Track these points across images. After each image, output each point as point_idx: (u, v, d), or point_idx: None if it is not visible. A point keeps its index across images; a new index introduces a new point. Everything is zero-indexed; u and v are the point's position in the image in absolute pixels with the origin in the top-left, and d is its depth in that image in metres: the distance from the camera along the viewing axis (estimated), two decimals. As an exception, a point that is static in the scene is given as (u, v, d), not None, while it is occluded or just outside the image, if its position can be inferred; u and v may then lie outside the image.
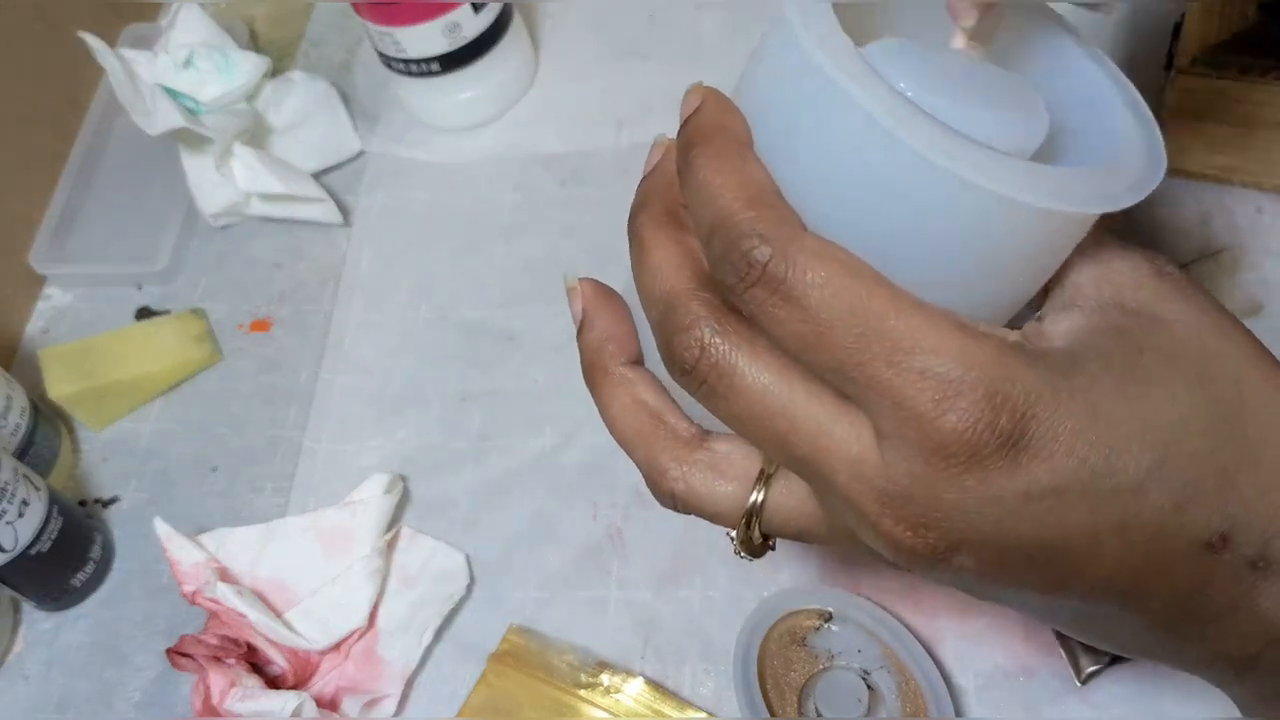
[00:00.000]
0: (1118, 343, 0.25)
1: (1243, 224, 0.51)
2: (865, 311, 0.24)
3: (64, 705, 0.49)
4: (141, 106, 0.57)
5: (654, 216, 0.28)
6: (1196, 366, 0.25)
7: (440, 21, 0.57)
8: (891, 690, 0.42)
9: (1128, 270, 0.27)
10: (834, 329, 0.24)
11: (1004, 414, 0.23)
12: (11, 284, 0.61)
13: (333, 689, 0.47)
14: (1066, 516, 0.24)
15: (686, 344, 0.26)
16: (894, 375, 0.23)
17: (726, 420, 0.27)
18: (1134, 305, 0.26)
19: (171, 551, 0.48)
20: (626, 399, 0.30)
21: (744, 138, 0.26)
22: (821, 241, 0.24)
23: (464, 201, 0.61)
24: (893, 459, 0.24)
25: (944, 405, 0.23)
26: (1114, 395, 0.24)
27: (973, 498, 0.24)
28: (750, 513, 0.28)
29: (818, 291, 0.24)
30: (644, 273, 0.28)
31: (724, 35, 0.64)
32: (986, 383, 0.23)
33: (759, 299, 0.24)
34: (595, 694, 0.44)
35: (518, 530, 0.50)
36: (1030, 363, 0.24)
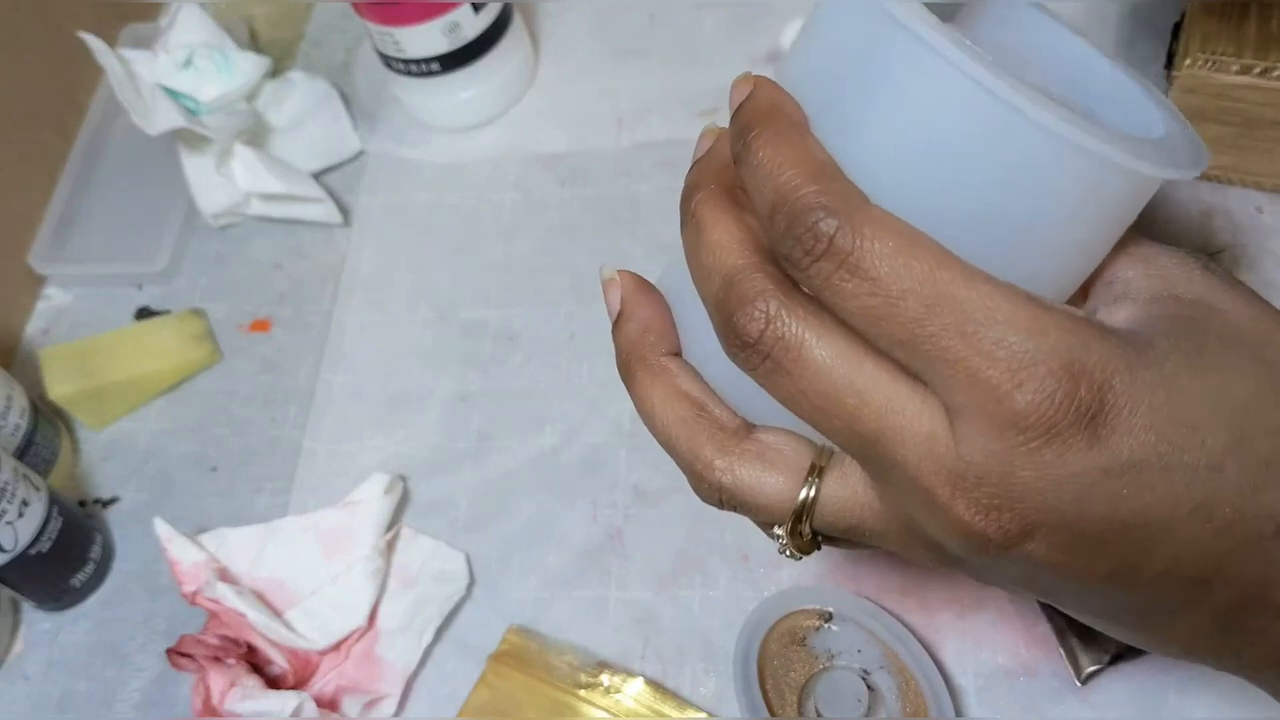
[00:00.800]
0: (1182, 326, 0.25)
1: (1243, 224, 0.51)
2: (935, 281, 0.23)
3: (64, 705, 0.49)
4: (141, 106, 0.57)
5: (711, 194, 0.27)
6: (1255, 352, 0.25)
7: (440, 21, 0.57)
8: (891, 690, 0.42)
9: (1174, 265, 0.26)
10: (904, 300, 0.23)
11: (1082, 384, 0.22)
12: (11, 284, 0.61)
13: (333, 689, 0.47)
14: (1145, 494, 0.23)
15: (751, 316, 0.25)
16: (966, 347, 0.23)
17: (789, 399, 0.25)
18: (1189, 296, 0.26)
19: (171, 551, 0.48)
20: (668, 389, 0.29)
21: (801, 118, 0.26)
22: (887, 214, 0.24)
23: (464, 201, 0.61)
24: (966, 436, 0.23)
25: (1020, 376, 0.22)
26: (1187, 372, 0.23)
27: (1050, 475, 0.23)
28: (803, 506, 0.27)
29: (887, 262, 0.23)
30: (703, 250, 0.27)
31: (724, 35, 0.64)
32: (1063, 352, 0.22)
33: (825, 272, 0.24)
34: (595, 694, 0.44)
35: (518, 530, 0.50)
36: (1104, 335, 0.23)
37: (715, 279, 0.26)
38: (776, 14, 0.62)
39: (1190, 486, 0.23)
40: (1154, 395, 0.23)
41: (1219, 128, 0.49)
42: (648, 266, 0.56)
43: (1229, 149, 0.50)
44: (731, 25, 0.64)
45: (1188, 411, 0.23)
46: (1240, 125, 0.49)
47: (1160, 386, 0.23)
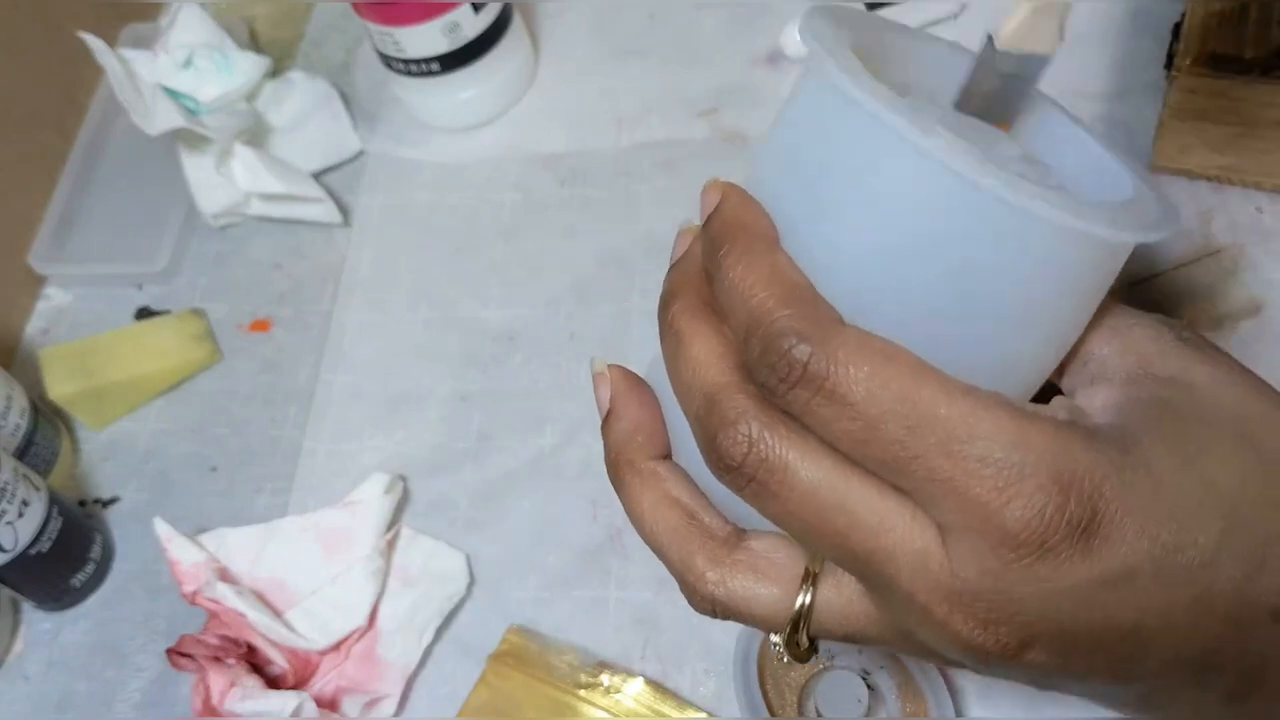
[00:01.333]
0: (1161, 411, 0.24)
1: (1243, 224, 0.51)
2: (915, 401, 0.23)
3: (64, 705, 0.49)
4: (141, 106, 0.57)
5: (688, 305, 0.27)
6: (1236, 429, 0.24)
7: (440, 21, 0.57)
8: (891, 690, 0.42)
9: (1149, 338, 0.26)
10: (885, 423, 0.23)
11: (1072, 497, 0.22)
12: (11, 284, 0.61)
13: (333, 689, 0.47)
14: (1141, 599, 0.23)
15: (733, 439, 0.24)
16: (952, 466, 0.22)
17: (777, 519, 0.25)
18: (1165, 373, 0.25)
19: (171, 551, 0.48)
20: (658, 495, 0.28)
21: (770, 233, 0.25)
22: (861, 333, 0.23)
23: (464, 201, 0.61)
24: (959, 554, 0.23)
25: (1008, 493, 0.22)
26: (1173, 465, 0.23)
27: (1046, 589, 0.23)
28: (799, 616, 0.27)
29: (863, 386, 0.23)
30: (682, 365, 0.26)
31: (724, 35, 0.64)
32: (1049, 464, 0.22)
33: (803, 399, 0.23)
34: (595, 694, 0.44)
35: (518, 530, 0.50)
36: (1088, 440, 0.23)
37: (696, 396, 0.26)
38: (776, 14, 0.62)
39: (1185, 585, 0.23)
40: (1144, 499, 0.23)
41: (1219, 128, 0.49)
42: (648, 266, 0.57)
43: (1229, 149, 0.50)
44: (731, 25, 0.64)
45: (1178, 510, 0.23)
46: (1240, 125, 0.49)
47: (1149, 488, 0.23)
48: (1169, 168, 0.52)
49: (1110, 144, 0.28)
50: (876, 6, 0.59)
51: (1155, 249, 0.50)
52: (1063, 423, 0.23)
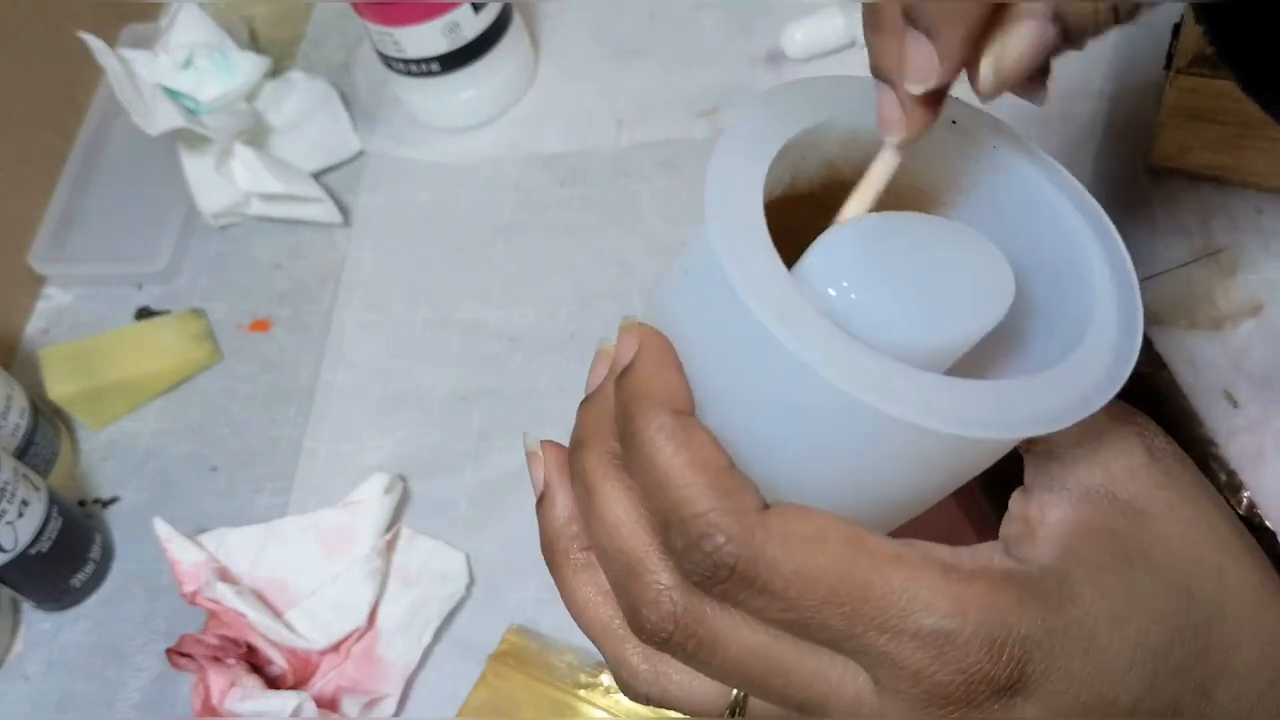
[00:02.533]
0: (1108, 552, 0.24)
1: (1243, 224, 0.51)
2: (849, 586, 0.23)
3: (64, 705, 0.49)
4: (141, 106, 0.57)
5: (600, 460, 0.26)
6: (1180, 574, 0.25)
7: (440, 21, 0.57)
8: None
9: (1120, 453, 0.26)
10: (820, 611, 0.23)
11: (1000, 662, 0.23)
12: (11, 284, 0.61)
13: (332, 689, 0.47)
14: None
15: (657, 617, 0.24)
16: (889, 640, 0.23)
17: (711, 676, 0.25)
18: (1125, 495, 0.25)
19: (171, 551, 0.48)
20: (591, 589, 0.28)
21: (685, 404, 0.25)
22: (786, 519, 0.23)
23: (464, 201, 0.61)
24: (890, 706, 0.23)
25: (941, 660, 0.22)
26: (1106, 620, 0.24)
27: None
28: (734, 707, 0.27)
29: (796, 580, 0.23)
30: (597, 526, 0.26)
31: (724, 35, 0.64)
32: (983, 633, 0.22)
33: (733, 593, 0.23)
34: (595, 694, 0.44)
35: (518, 530, 0.50)
36: (1022, 599, 0.23)
37: (615, 562, 0.25)
38: (776, 14, 0.62)
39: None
40: (1072, 659, 0.23)
41: (1219, 128, 0.49)
42: (648, 265, 0.57)
43: (1229, 149, 0.50)
44: (731, 25, 0.64)
45: (1104, 670, 0.23)
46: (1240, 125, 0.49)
47: (1079, 650, 0.23)
48: (1169, 168, 0.52)
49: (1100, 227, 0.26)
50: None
51: (1155, 249, 0.50)
52: (998, 579, 0.23)
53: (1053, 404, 0.23)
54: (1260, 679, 0.25)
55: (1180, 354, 0.47)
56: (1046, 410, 0.23)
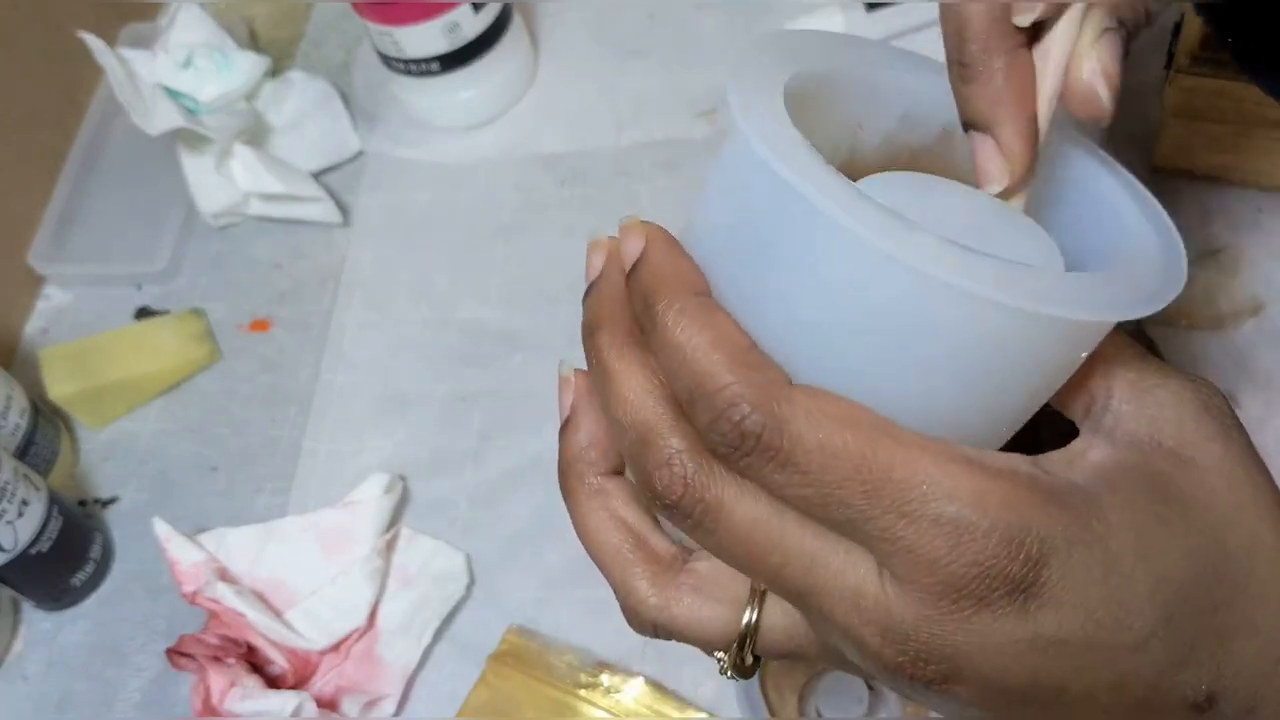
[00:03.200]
0: (1145, 488, 0.24)
1: (1243, 224, 0.51)
2: (872, 465, 0.23)
3: (64, 705, 0.49)
4: (141, 106, 0.57)
5: (614, 339, 0.27)
6: (1216, 522, 0.25)
7: (440, 21, 0.57)
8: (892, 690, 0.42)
9: (1171, 402, 0.25)
10: (840, 489, 0.23)
11: (1018, 560, 0.22)
12: (11, 284, 0.61)
13: (332, 689, 0.47)
14: (1065, 668, 0.24)
15: (668, 479, 0.25)
16: (906, 525, 0.22)
17: (714, 551, 0.26)
18: (1171, 444, 0.25)
19: (171, 551, 0.48)
20: (604, 514, 0.28)
21: (703, 286, 0.25)
22: (813, 396, 0.23)
23: (464, 201, 0.61)
24: (898, 598, 0.23)
25: (958, 551, 0.22)
26: (1131, 548, 0.23)
27: (977, 640, 0.23)
28: (744, 634, 0.27)
29: (818, 455, 0.23)
30: (614, 402, 0.26)
31: (724, 35, 0.64)
32: (1003, 528, 0.22)
33: (755, 466, 0.23)
34: (595, 694, 0.44)
35: (518, 530, 0.50)
36: (1046, 504, 0.23)
37: (630, 433, 0.25)
38: (776, 14, 0.62)
39: (1110, 666, 0.24)
40: (1089, 576, 0.23)
41: (1219, 128, 0.49)
42: (648, 266, 0.57)
43: (1229, 149, 0.50)
44: (731, 25, 0.64)
45: (1123, 591, 0.23)
46: (1240, 125, 0.49)
47: (1098, 564, 0.23)
48: (1169, 168, 0.52)
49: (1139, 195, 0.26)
50: (877, 6, 0.60)
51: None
52: (1023, 480, 0.23)
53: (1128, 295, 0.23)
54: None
55: (1181, 353, 0.47)
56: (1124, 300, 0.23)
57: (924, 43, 0.61)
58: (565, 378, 0.31)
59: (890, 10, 0.60)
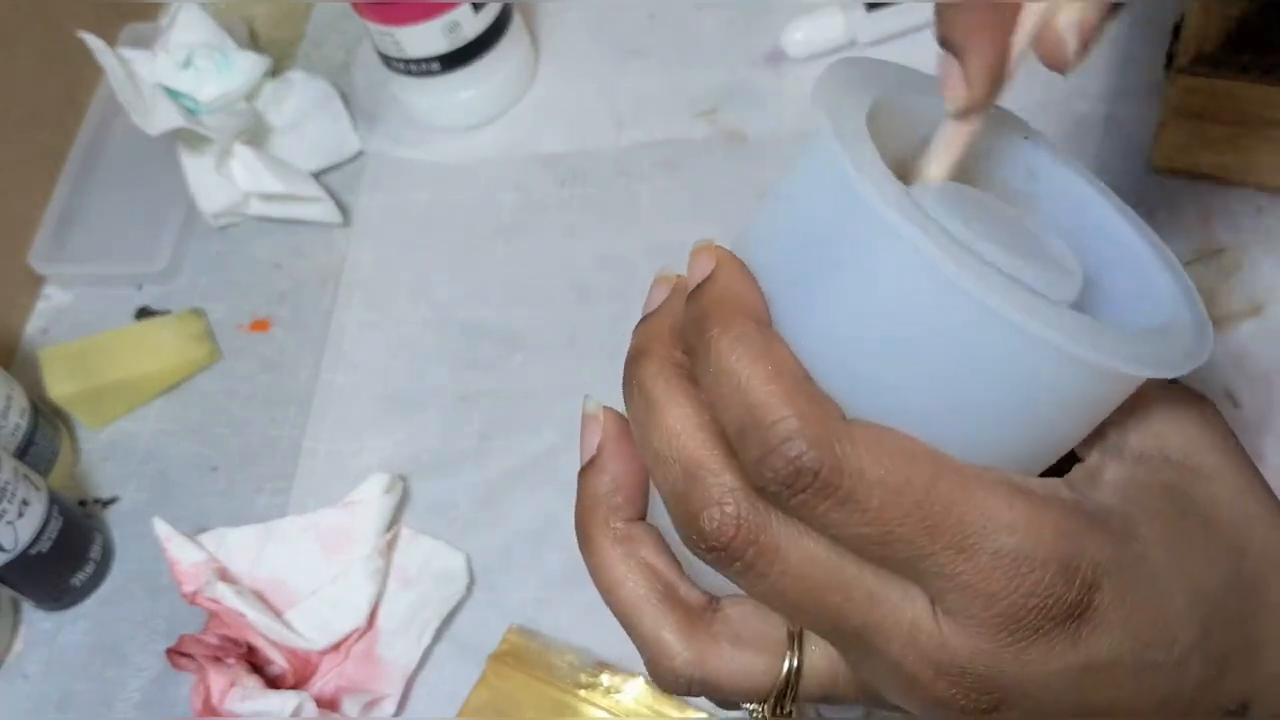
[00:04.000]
0: (1165, 502, 0.24)
1: (1243, 224, 0.51)
2: (934, 501, 0.22)
3: (64, 705, 0.49)
4: (141, 106, 0.57)
5: (662, 369, 0.25)
6: (1231, 532, 0.25)
7: (440, 21, 0.57)
8: (891, 690, 0.42)
9: (1171, 418, 0.25)
10: (902, 525, 0.22)
11: (1075, 585, 0.22)
12: (11, 284, 0.61)
13: (332, 689, 0.47)
14: (1114, 690, 0.23)
15: (719, 520, 0.23)
16: (965, 560, 0.22)
17: (763, 597, 0.24)
18: (1178, 456, 0.25)
19: (171, 551, 0.48)
20: (631, 562, 0.27)
21: (765, 315, 0.24)
22: (871, 431, 0.22)
23: (464, 201, 0.61)
24: (954, 633, 0.23)
25: (1015, 583, 0.22)
26: (1167, 565, 0.23)
27: (1032, 670, 0.23)
28: (786, 683, 0.25)
29: (880, 490, 0.22)
30: (655, 433, 0.24)
31: (724, 35, 0.64)
32: (1059, 555, 0.22)
33: (811, 505, 0.22)
34: (595, 694, 0.44)
35: (518, 530, 0.50)
36: (1092, 528, 0.23)
37: (673, 468, 0.24)
38: (776, 14, 0.62)
39: (1156, 684, 0.24)
40: (1135, 596, 0.23)
41: (1219, 128, 0.49)
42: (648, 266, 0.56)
43: (1229, 149, 0.50)
44: (731, 25, 0.64)
45: (1165, 611, 0.23)
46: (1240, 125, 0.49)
47: (1141, 587, 0.23)
48: (1169, 168, 0.52)
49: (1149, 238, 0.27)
50: (877, 6, 0.59)
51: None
52: (1069, 506, 0.23)
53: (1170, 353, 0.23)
54: None
55: (1180, 354, 0.47)
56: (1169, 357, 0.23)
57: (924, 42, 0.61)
58: (592, 415, 0.29)
59: (890, 10, 0.60)
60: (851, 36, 0.60)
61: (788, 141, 0.59)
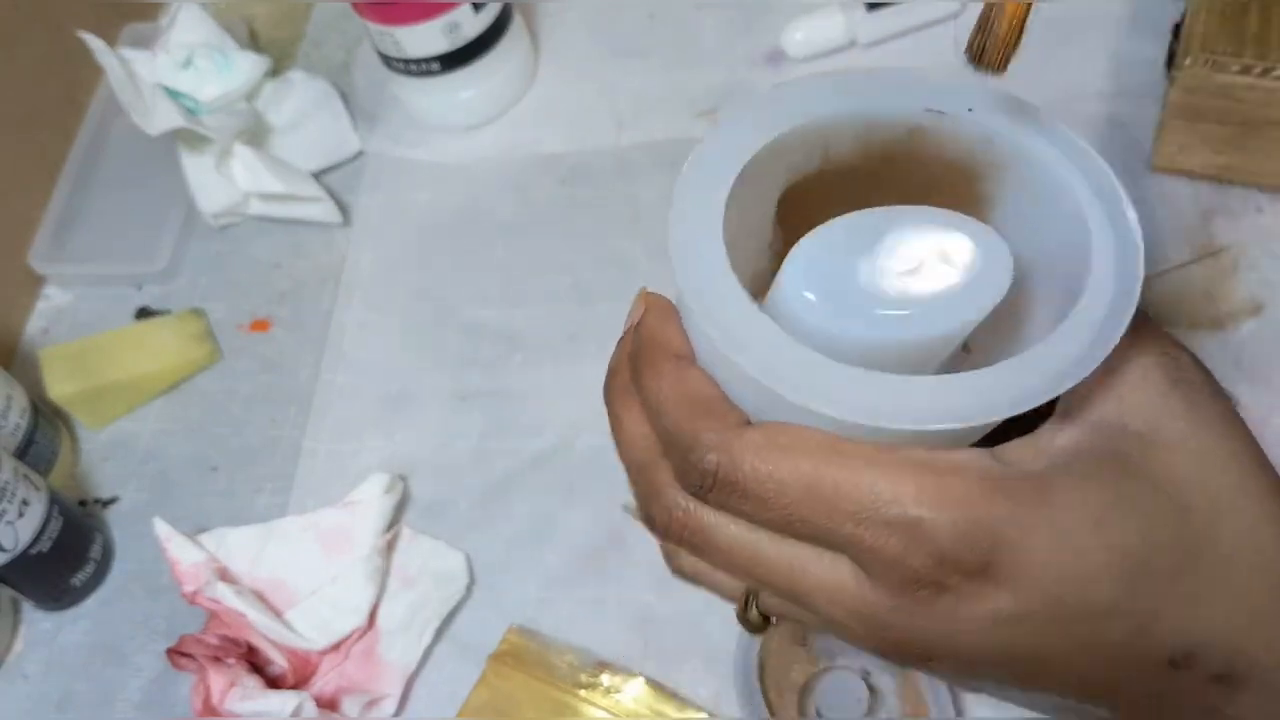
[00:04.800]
0: (1103, 469, 0.26)
1: (1243, 224, 0.51)
2: (821, 485, 0.25)
3: (64, 705, 0.49)
4: (141, 106, 0.57)
5: (620, 388, 0.30)
6: (1180, 495, 0.26)
7: (440, 21, 0.57)
8: (891, 690, 0.42)
9: (1139, 381, 0.27)
10: (798, 506, 0.25)
11: (966, 548, 0.25)
12: (11, 284, 0.61)
13: (332, 689, 0.47)
14: (1035, 636, 0.26)
15: (659, 508, 0.28)
16: (863, 530, 0.25)
17: (709, 562, 0.29)
18: (1136, 426, 0.26)
19: (171, 551, 0.48)
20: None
21: (682, 349, 0.28)
22: (764, 431, 0.26)
23: (464, 201, 0.61)
24: (871, 591, 0.26)
25: (913, 546, 0.25)
26: (1088, 526, 0.25)
27: (944, 622, 0.26)
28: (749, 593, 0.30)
29: (772, 483, 0.25)
30: (617, 441, 0.30)
31: (724, 35, 0.64)
32: (950, 520, 0.25)
33: (721, 499, 0.26)
34: (595, 694, 0.44)
35: (518, 530, 0.50)
36: (993, 494, 0.25)
37: (631, 469, 0.29)
38: (776, 14, 0.62)
39: (1076, 632, 0.26)
40: (1044, 553, 0.25)
41: (1219, 128, 0.49)
42: (648, 266, 0.57)
43: (1229, 149, 0.50)
44: (731, 25, 0.64)
45: (1079, 567, 0.25)
46: (1240, 125, 0.49)
47: (1053, 544, 0.25)
48: (1169, 168, 0.52)
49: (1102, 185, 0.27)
50: (877, 6, 0.60)
51: (1155, 249, 0.50)
52: (972, 475, 0.25)
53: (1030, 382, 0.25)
54: (1256, 601, 0.26)
55: (1180, 354, 0.48)
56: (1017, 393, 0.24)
57: (925, 42, 0.61)
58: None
59: (890, 10, 0.60)
60: (851, 36, 0.60)
61: (788, 141, 0.59)
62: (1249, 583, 0.26)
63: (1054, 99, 0.56)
